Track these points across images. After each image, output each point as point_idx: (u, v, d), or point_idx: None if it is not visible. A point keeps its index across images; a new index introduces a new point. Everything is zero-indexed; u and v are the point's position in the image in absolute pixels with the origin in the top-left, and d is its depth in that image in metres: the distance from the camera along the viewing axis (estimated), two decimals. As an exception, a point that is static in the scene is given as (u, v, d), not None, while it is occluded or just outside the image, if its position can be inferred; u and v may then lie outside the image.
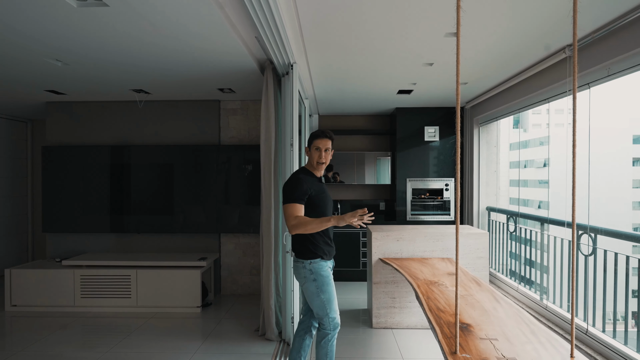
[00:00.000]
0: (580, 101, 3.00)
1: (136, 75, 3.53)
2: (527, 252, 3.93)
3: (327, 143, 2.41)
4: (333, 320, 2.35)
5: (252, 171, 4.55)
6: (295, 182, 2.34)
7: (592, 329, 2.86)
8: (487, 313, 2.17)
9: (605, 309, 2.86)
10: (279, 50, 2.77)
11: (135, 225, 4.58)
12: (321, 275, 2.35)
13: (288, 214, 2.28)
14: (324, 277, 2.35)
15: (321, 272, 2.35)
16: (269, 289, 3.35)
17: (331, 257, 2.46)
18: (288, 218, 2.28)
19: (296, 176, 2.40)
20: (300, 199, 2.29)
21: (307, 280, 2.35)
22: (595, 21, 2.43)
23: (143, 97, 4.37)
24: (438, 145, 5.19)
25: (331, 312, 2.34)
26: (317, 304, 2.34)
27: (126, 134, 4.67)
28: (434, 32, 2.62)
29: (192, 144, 4.63)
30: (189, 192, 4.57)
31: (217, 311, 4.16)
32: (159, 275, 4.11)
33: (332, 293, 2.36)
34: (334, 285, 2.42)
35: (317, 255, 2.35)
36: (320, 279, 2.34)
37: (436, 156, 5.20)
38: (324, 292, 2.33)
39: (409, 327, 3.65)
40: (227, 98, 4.58)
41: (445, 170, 5.19)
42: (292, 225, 2.25)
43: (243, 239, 4.70)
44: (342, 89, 4.18)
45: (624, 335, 2.68)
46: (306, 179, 2.37)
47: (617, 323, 2.77)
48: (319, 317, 2.37)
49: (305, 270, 2.35)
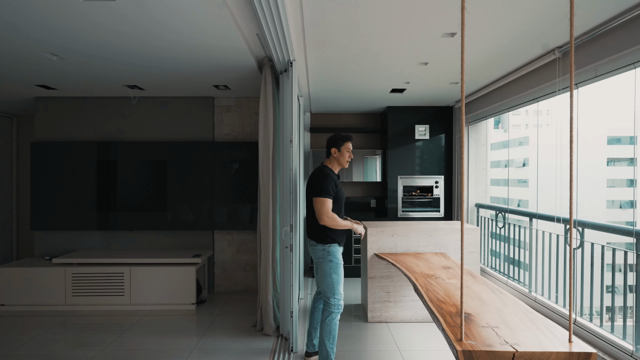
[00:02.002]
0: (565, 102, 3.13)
1: (132, 71, 3.50)
2: (514, 246, 4.07)
3: (351, 145, 2.88)
4: (338, 301, 2.70)
5: (247, 168, 4.56)
6: (327, 178, 2.71)
7: (580, 318, 2.99)
8: (486, 303, 2.26)
9: (592, 299, 2.99)
10: (280, 47, 2.80)
11: (127, 222, 4.53)
12: (337, 257, 2.74)
13: (325, 207, 2.65)
14: (338, 260, 2.74)
15: (337, 255, 2.75)
16: (267, 284, 3.38)
17: (343, 243, 2.85)
18: (322, 211, 2.65)
19: (326, 172, 2.75)
20: (331, 194, 2.70)
21: (324, 261, 2.72)
22: (584, 25, 2.55)
23: (137, 93, 4.33)
24: (428, 143, 5.30)
25: (337, 293, 2.69)
26: (328, 283, 2.70)
27: (118, 131, 4.61)
28: (431, 33, 2.69)
29: (186, 141, 4.61)
30: (183, 188, 4.55)
31: (212, 308, 4.16)
32: (153, 272, 4.08)
33: (341, 276, 2.73)
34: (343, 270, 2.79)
35: (335, 240, 2.76)
36: (335, 261, 2.73)
37: (426, 154, 5.31)
38: (335, 272, 2.70)
39: (403, 321, 3.73)
40: (221, 95, 4.57)
41: (435, 168, 5.31)
42: (327, 218, 2.65)
43: (237, 236, 4.71)
44: (337, 87, 4.24)
45: (611, 325, 2.82)
46: (333, 176, 2.78)
47: (603, 313, 2.91)
48: (326, 297, 2.71)
49: (324, 252, 2.73)
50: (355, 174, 5.71)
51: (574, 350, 1.65)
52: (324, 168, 2.82)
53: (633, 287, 2.56)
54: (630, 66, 2.40)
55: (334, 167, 2.86)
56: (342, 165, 2.85)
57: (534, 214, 3.64)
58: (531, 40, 2.81)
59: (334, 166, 2.86)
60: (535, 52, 3.05)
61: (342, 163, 2.84)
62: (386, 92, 4.46)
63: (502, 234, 4.36)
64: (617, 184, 30.95)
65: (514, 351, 1.64)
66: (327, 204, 2.66)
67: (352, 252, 5.26)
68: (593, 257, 2.96)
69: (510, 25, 2.56)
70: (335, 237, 2.74)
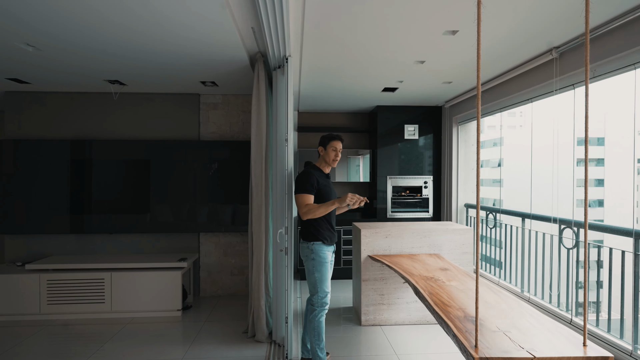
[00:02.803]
0: (558, 103, 3.15)
1: (115, 64, 3.30)
2: (505, 247, 4.08)
3: (340, 145, 2.87)
4: (321, 299, 2.72)
5: (235, 168, 4.41)
6: (306, 176, 2.73)
7: (576, 318, 3.01)
8: (491, 306, 2.22)
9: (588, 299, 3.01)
10: (277, 42, 2.68)
11: (106, 225, 4.29)
12: (319, 256, 2.72)
13: (300, 202, 2.67)
14: (321, 258, 2.72)
15: (320, 254, 2.73)
16: (259, 288, 3.25)
17: (332, 242, 2.81)
18: (300, 206, 2.67)
19: (307, 171, 2.78)
20: (310, 190, 2.69)
21: (308, 259, 2.75)
22: (583, 26, 2.55)
23: (118, 88, 4.10)
24: (417, 143, 5.28)
25: (320, 291, 2.71)
26: (311, 281, 2.74)
27: (97, 128, 4.37)
28: (432, 30, 2.64)
29: (171, 139, 4.41)
30: (167, 189, 4.35)
31: (199, 314, 3.99)
32: (136, 277, 3.88)
33: (325, 274, 2.72)
34: (331, 269, 2.79)
35: (319, 238, 2.74)
36: (318, 259, 2.72)
37: (415, 154, 5.29)
38: (318, 271, 2.71)
39: (397, 324, 3.68)
40: (207, 92, 4.40)
41: (424, 168, 5.29)
42: (304, 212, 2.65)
43: (224, 238, 4.55)
44: (329, 85, 4.14)
45: (607, 324, 2.84)
46: (315, 174, 2.79)
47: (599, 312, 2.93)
48: (311, 294, 2.76)
49: (309, 250, 2.74)
50: (343, 175, 5.64)
51: (591, 354, 1.62)
52: (307, 165, 2.88)
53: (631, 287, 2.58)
54: (630, 67, 2.42)
55: (322, 166, 2.89)
56: (329, 163, 2.86)
57: (527, 214, 3.66)
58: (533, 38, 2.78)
59: (322, 165, 2.89)
60: (536, 51, 2.99)
61: (328, 161, 2.86)
62: (378, 91, 4.40)
63: (491, 235, 4.38)
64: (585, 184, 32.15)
65: (532, 357, 1.59)
66: (304, 199, 2.67)
67: (341, 254, 5.18)
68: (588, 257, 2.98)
69: (515, 22, 2.52)
70: (319, 235, 2.73)
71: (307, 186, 2.68)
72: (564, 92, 2.99)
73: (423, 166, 5.29)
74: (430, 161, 5.30)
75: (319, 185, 2.73)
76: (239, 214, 4.42)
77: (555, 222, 3.14)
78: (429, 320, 3.69)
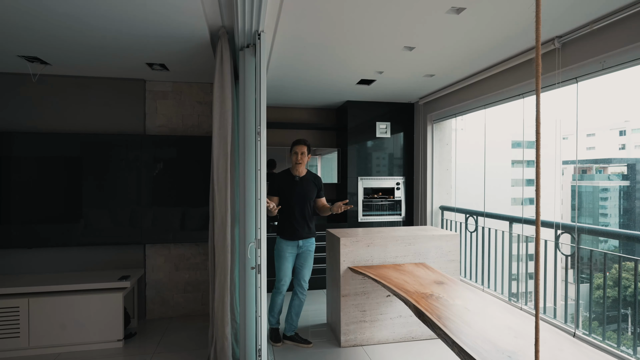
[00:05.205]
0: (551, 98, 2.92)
1: (31, 35, 2.56)
2: (489, 252, 3.84)
3: (302, 147, 3.19)
4: (277, 283, 3.18)
5: (190, 168, 3.77)
6: (270, 178, 3.06)
7: (564, 325, 2.80)
8: (520, 334, 1.86)
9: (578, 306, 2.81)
10: (250, 13, 2.15)
11: (28, 237, 3.46)
12: (277, 249, 3.20)
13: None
14: (278, 251, 3.18)
15: (277, 246, 3.20)
16: (223, 314, 2.68)
17: (293, 237, 3.14)
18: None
19: (270, 172, 3.01)
20: (269, 191, 3.17)
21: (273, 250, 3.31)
22: (589, 14, 2.30)
23: (39, 68, 3.30)
24: (389, 141, 4.95)
25: (277, 280, 3.18)
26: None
27: (14, 119, 3.52)
28: (436, 7, 2.25)
29: (109, 133, 3.67)
30: (104, 193, 3.61)
31: (146, 342, 3.32)
32: (63, 303, 3.13)
33: (279, 266, 3.15)
34: (291, 261, 3.18)
35: (278, 233, 3.21)
36: (276, 252, 3.20)
37: (388, 153, 4.95)
38: (276, 261, 3.18)
39: (381, 342, 3.28)
40: (155, 77, 3.72)
41: (396, 168, 4.97)
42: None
43: (175, 250, 3.89)
44: (298, 75, 3.63)
45: (602, 333, 2.64)
46: (280, 176, 3.22)
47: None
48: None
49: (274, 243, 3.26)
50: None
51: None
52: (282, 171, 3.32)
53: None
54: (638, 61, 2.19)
55: (292, 169, 3.25)
56: (293, 166, 3.22)
57: (517, 218, 3.43)
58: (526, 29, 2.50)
59: (292, 168, 3.26)
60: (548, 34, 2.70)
61: (292, 164, 3.24)
62: (353, 84, 3.97)
63: (472, 239, 4.14)
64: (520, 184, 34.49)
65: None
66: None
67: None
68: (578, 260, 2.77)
69: (518, 5, 2.21)
70: (278, 230, 3.21)
71: (268, 187, 3.07)
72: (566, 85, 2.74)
73: (395, 166, 4.97)
74: (400, 162, 4.99)
75: (279, 186, 3.17)
76: (195, 221, 3.78)
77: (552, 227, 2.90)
78: (414, 337, 3.33)
